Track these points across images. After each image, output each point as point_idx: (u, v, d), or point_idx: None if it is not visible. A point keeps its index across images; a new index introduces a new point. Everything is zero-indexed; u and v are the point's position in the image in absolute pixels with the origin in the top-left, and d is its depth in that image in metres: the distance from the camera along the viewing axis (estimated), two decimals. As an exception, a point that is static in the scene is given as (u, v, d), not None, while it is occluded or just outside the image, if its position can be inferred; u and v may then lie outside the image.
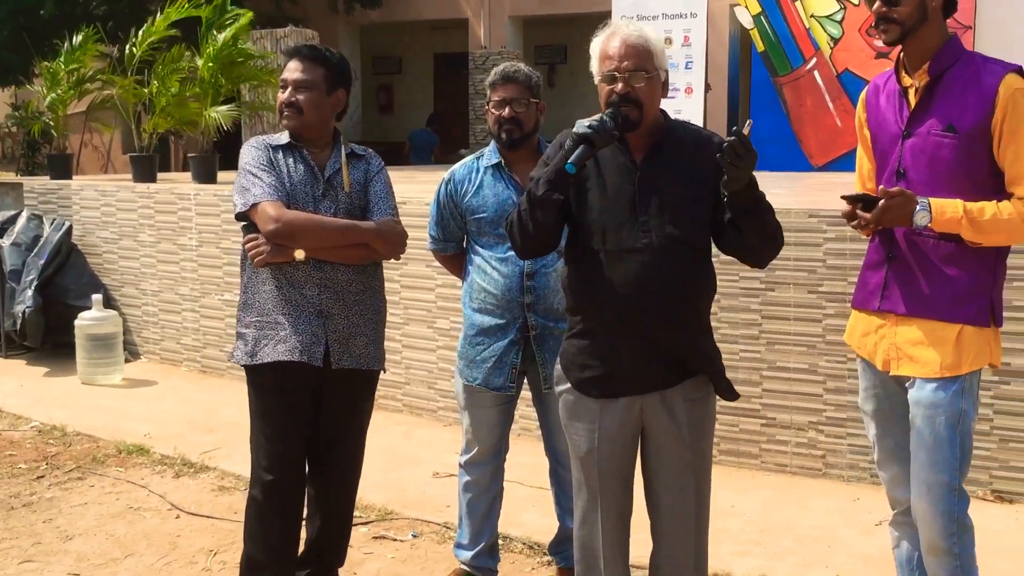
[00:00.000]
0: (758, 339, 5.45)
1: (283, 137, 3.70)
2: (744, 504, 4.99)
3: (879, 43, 9.73)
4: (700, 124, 8.82)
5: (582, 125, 2.90)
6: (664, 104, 3.10)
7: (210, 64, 8.71)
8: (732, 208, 2.92)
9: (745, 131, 2.76)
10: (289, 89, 3.62)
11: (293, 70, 3.63)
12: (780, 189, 6.93)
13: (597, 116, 2.93)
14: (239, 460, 5.15)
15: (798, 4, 10.46)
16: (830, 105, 10.38)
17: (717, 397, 3.16)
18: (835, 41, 10.30)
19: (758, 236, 3.00)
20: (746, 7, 10.74)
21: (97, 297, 7.65)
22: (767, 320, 5.42)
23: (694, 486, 3.10)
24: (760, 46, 10.70)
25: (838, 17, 10.28)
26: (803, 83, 10.49)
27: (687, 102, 10.30)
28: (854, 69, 10.15)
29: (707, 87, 10.78)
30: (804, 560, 4.40)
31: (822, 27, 10.35)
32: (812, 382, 5.34)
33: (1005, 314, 3.16)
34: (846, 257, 5.17)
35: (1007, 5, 9.51)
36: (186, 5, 8.99)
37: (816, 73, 10.44)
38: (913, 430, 3.08)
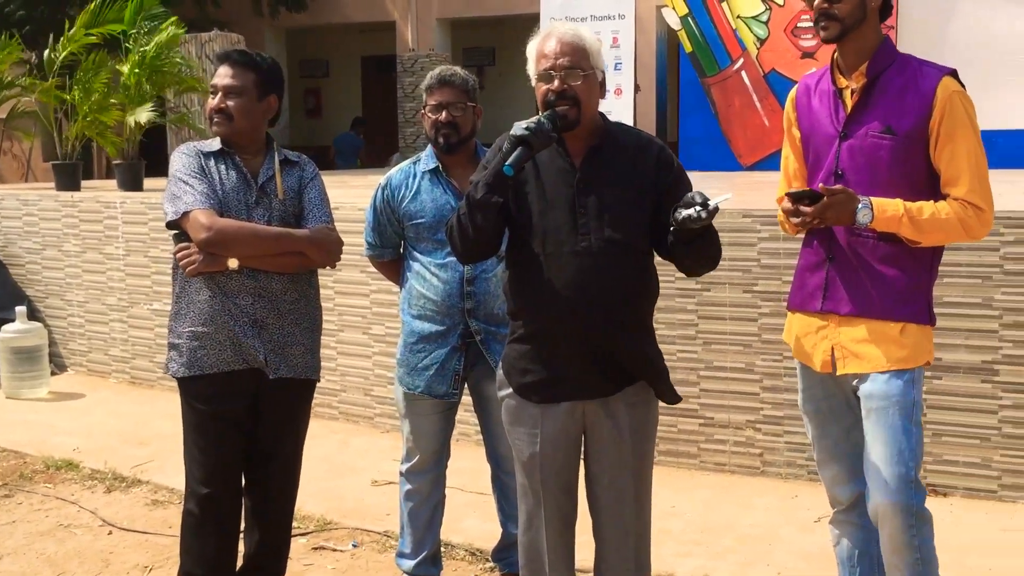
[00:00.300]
0: (695, 339, 5.47)
1: (215, 143, 3.61)
2: (684, 504, 5.01)
3: (805, 43, 10.00)
4: (631, 125, 8.88)
5: (519, 127, 2.87)
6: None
7: (136, 71, 8.56)
8: (676, 236, 2.91)
9: (723, 206, 2.79)
10: (219, 95, 3.54)
11: (223, 75, 3.55)
12: (712, 189, 6.95)
13: (535, 118, 2.91)
14: (172, 473, 5.05)
15: (724, 5, 10.57)
16: (757, 105, 10.51)
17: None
18: (761, 42, 10.43)
19: (698, 260, 3.03)
20: (673, 8, 10.84)
21: (21, 309, 7.45)
22: (703, 320, 5.45)
23: (635, 488, 3.10)
24: (688, 47, 10.80)
25: (764, 18, 10.41)
26: (731, 83, 10.62)
27: (617, 103, 10.35)
28: (780, 69, 10.30)
29: (636, 88, 10.86)
30: (745, 559, 4.43)
31: (748, 28, 10.48)
32: (749, 381, 5.38)
33: (937, 310, 3.20)
34: (780, 256, 5.22)
35: (929, 5, 9.70)
36: (99, 13, 8.83)
37: (743, 73, 10.58)
38: (867, 426, 3.08)
